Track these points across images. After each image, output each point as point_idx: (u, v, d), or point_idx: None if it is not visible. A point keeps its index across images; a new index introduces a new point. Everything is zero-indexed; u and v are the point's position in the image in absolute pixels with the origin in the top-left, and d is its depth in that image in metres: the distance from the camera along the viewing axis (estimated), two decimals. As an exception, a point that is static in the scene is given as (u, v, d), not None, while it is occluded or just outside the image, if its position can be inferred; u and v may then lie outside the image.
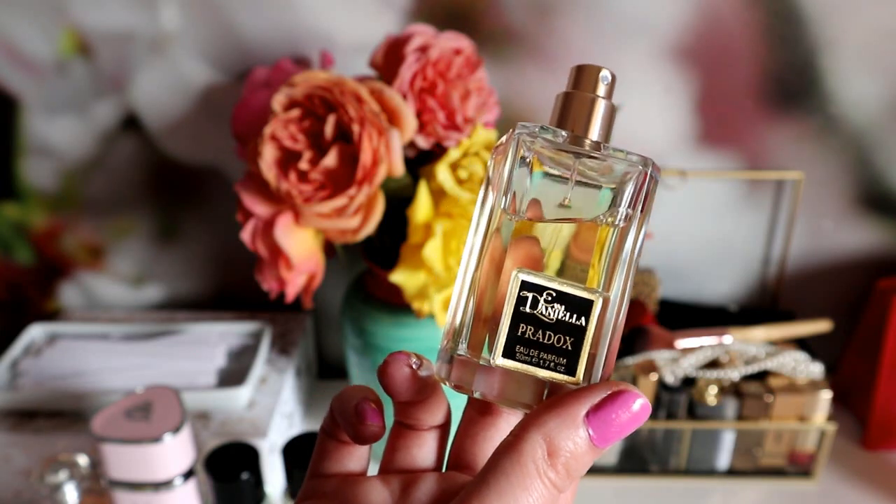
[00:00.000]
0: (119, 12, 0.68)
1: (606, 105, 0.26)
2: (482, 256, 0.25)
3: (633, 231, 0.25)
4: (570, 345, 0.24)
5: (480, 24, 0.68)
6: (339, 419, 0.26)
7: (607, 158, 0.25)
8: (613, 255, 0.25)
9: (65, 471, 0.55)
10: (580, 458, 0.22)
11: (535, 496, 0.22)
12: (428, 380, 0.26)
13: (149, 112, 0.73)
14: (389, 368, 0.26)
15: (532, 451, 0.22)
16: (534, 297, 0.25)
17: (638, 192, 0.25)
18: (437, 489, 0.26)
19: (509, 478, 0.22)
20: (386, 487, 0.26)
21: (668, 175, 0.73)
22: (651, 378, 0.65)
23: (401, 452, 0.27)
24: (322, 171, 0.56)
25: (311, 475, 0.27)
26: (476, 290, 0.25)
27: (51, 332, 0.75)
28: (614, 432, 0.23)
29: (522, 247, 0.25)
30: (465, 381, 0.25)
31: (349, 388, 0.27)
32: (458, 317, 0.25)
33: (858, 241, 0.77)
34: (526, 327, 0.25)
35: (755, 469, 0.69)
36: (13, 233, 0.80)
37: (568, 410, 0.22)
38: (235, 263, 0.80)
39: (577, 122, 0.26)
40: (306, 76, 0.57)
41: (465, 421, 0.28)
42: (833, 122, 0.71)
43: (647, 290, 0.75)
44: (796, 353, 0.67)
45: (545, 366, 0.25)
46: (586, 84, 0.26)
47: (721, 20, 0.67)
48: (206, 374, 0.68)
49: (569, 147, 0.26)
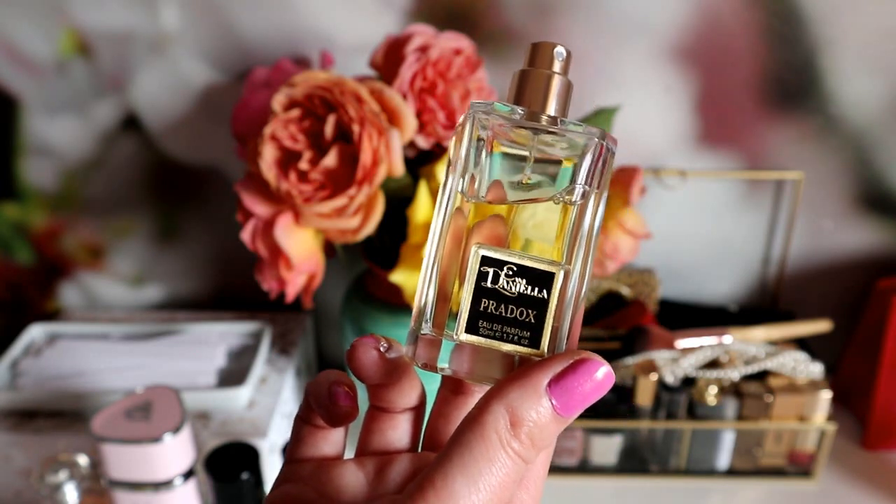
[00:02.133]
0: (119, 12, 0.68)
1: (562, 81, 0.27)
2: (443, 237, 0.25)
3: (591, 203, 0.25)
4: (532, 318, 0.25)
5: (480, 24, 0.68)
6: (313, 403, 0.27)
7: (565, 133, 0.26)
8: (574, 228, 0.25)
9: (65, 471, 0.55)
10: (544, 427, 0.22)
11: (499, 466, 0.21)
12: (397, 362, 0.26)
13: (149, 112, 0.73)
14: (356, 352, 0.26)
15: (495, 422, 0.22)
16: (494, 271, 0.25)
17: (594, 165, 0.25)
18: (411, 469, 0.26)
19: (472, 450, 0.21)
20: (360, 469, 0.26)
21: (668, 175, 0.73)
22: (651, 378, 0.65)
23: (375, 435, 0.27)
24: (322, 171, 0.56)
25: (287, 460, 0.27)
26: (439, 270, 0.25)
27: (51, 332, 0.75)
28: (577, 401, 0.23)
29: (487, 225, 0.26)
30: (431, 359, 0.25)
31: (324, 372, 0.27)
32: (422, 298, 0.26)
33: (858, 241, 0.77)
34: (488, 302, 0.25)
35: (755, 469, 0.69)
36: (13, 233, 0.80)
37: (530, 381, 0.22)
38: (235, 263, 0.80)
39: (533, 98, 0.26)
40: (306, 76, 0.57)
41: (439, 401, 0.28)
42: (833, 122, 0.71)
43: (647, 290, 0.75)
44: (796, 353, 0.67)
45: (509, 339, 0.25)
46: (542, 61, 0.27)
47: (721, 20, 0.67)
48: (206, 374, 0.68)
49: (525, 123, 0.26)
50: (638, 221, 0.66)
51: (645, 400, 0.67)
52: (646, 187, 0.73)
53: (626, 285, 0.75)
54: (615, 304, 0.75)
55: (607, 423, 0.67)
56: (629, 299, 0.75)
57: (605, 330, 0.73)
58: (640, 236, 0.66)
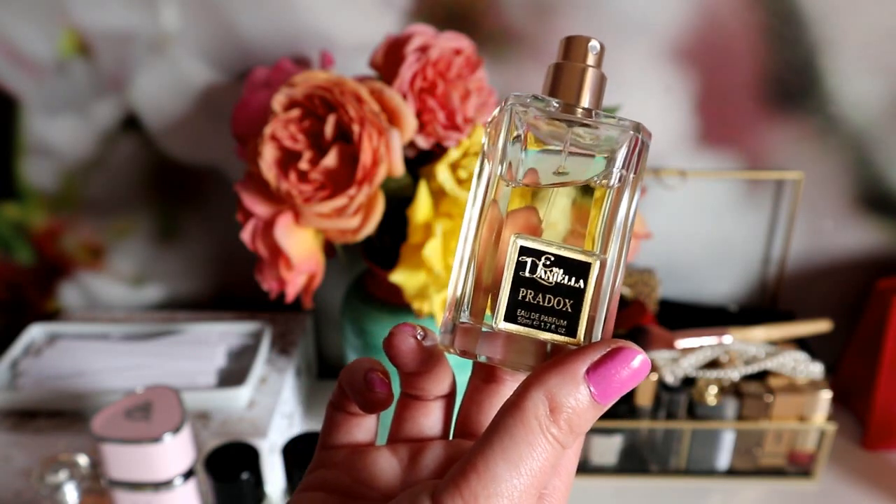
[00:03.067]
0: (119, 12, 0.68)
1: (596, 74, 0.27)
2: (480, 226, 0.26)
3: (626, 194, 0.26)
4: (569, 307, 0.25)
5: (480, 24, 0.68)
6: (347, 390, 0.27)
7: (599, 125, 0.26)
8: (609, 218, 0.26)
9: (65, 471, 0.55)
10: (582, 414, 0.23)
11: (539, 451, 0.22)
12: (432, 350, 0.27)
13: (149, 112, 0.73)
14: (395, 340, 0.26)
15: (535, 408, 0.22)
16: (532, 261, 0.25)
17: (630, 156, 0.26)
18: (444, 456, 0.26)
19: (513, 436, 0.22)
20: (394, 456, 0.27)
21: (668, 175, 0.73)
22: (651, 378, 0.65)
23: (408, 422, 0.28)
24: (322, 171, 0.56)
25: (321, 447, 0.28)
26: (475, 260, 0.26)
27: (51, 332, 0.75)
28: (615, 388, 0.23)
29: (521, 216, 0.26)
30: (469, 346, 0.26)
31: (357, 360, 0.27)
32: (458, 287, 0.26)
33: (858, 241, 0.77)
34: (526, 291, 0.25)
35: (755, 469, 0.69)
36: (13, 233, 0.80)
37: (569, 368, 0.23)
38: (235, 263, 0.80)
39: (568, 91, 0.27)
40: (306, 76, 0.57)
41: (470, 389, 0.28)
42: (833, 122, 0.71)
43: (647, 290, 0.75)
44: (796, 353, 0.67)
45: (546, 328, 0.25)
46: (576, 54, 0.27)
47: (721, 20, 0.67)
48: (206, 374, 0.68)
49: (561, 115, 0.26)
50: (638, 221, 0.66)
51: (645, 400, 0.67)
52: (646, 187, 0.73)
53: (626, 285, 0.75)
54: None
55: (607, 423, 0.67)
56: (629, 299, 0.75)
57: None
58: (640, 236, 0.66)
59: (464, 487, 0.21)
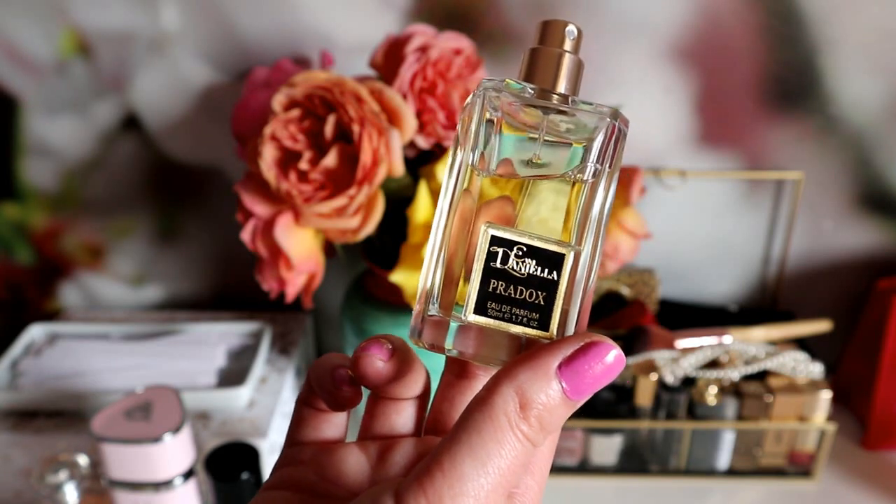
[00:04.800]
0: (119, 12, 0.68)
1: (573, 60, 0.26)
2: (451, 216, 0.25)
3: (602, 186, 0.25)
4: (542, 299, 0.24)
5: (480, 24, 0.68)
6: (315, 387, 0.26)
7: (575, 112, 0.25)
8: (584, 210, 0.25)
9: (65, 471, 0.55)
10: (553, 410, 0.22)
11: (508, 449, 0.21)
12: (404, 358, 0.26)
13: (149, 112, 0.73)
14: (361, 363, 0.25)
15: (504, 404, 0.21)
16: (504, 251, 0.24)
17: (606, 145, 0.25)
18: (415, 453, 0.26)
19: (481, 432, 0.21)
20: (363, 453, 0.26)
21: (668, 175, 0.73)
22: (651, 378, 0.65)
23: (379, 420, 0.27)
24: (322, 171, 0.56)
25: (288, 443, 0.27)
26: (446, 251, 0.25)
27: (51, 332, 0.75)
28: (588, 384, 0.22)
29: (494, 206, 0.25)
30: (438, 340, 0.25)
31: (326, 356, 0.27)
32: (429, 279, 0.25)
33: (858, 241, 0.77)
34: (497, 283, 0.24)
35: (755, 469, 0.69)
36: (13, 233, 0.80)
37: (540, 363, 0.22)
38: (235, 263, 0.80)
39: (544, 76, 0.26)
40: (306, 76, 0.57)
41: (443, 385, 0.28)
42: (833, 122, 0.71)
43: (647, 290, 0.75)
44: (796, 353, 0.67)
45: (518, 321, 0.24)
46: (553, 39, 0.26)
47: (721, 20, 0.67)
48: (206, 374, 0.68)
49: (536, 101, 0.25)
50: (638, 221, 0.66)
51: (645, 400, 0.67)
52: (646, 187, 0.73)
53: (626, 285, 0.75)
54: (615, 304, 0.75)
55: (607, 423, 0.67)
56: (629, 299, 0.75)
57: (605, 330, 0.72)
58: (640, 236, 0.66)
59: (428, 486, 0.21)
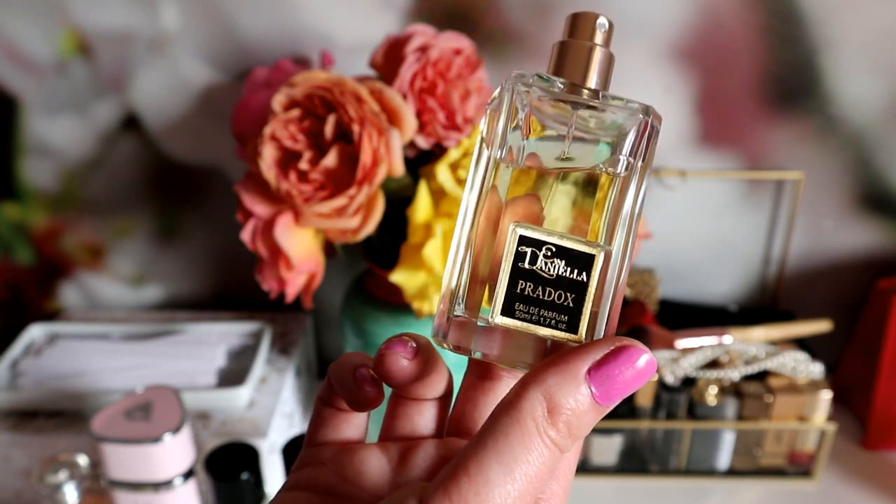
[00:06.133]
0: (119, 12, 0.68)
1: (604, 53, 0.25)
2: (478, 214, 0.24)
3: (633, 183, 0.24)
4: (571, 301, 0.23)
5: (480, 24, 0.68)
6: (336, 386, 0.26)
7: (606, 107, 0.24)
8: (614, 208, 0.24)
9: (65, 471, 0.55)
10: (582, 416, 0.21)
11: (536, 455, 0.21)
12: (427, 358, 0.25)
13: (149, 112, 0.73)
14: (386, 362, 0.25)
15: (532, 408, 0.21)
16: (532, 252, 0.23)
17: (639, 141, 0.24)
18: (436, 455, 0.25)
19: (508, 437, 0.20)
20: (384, 454, 0.25)
21: (668, 175, 0.73)
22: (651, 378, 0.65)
23: (400, 420, 0.26)
24: (322, 171, 0.56)
25: (308, 444, 0.27)
26: (472, 250, 0.24)
27: (51, 332, 0.75)
28: (618, 390, 0.22)
29: (521, 203, 0.24)
30: (463, 342, 0.24)
31: (347, 355, 0.26)
32: (454, 278, 0.24)
33: (858, 241, 0.77)
34: (525, 284, 0.23)
35: (755, 469, 0.69)
36: (13, 233, 0.80)
37: (569, 367, 0.21)
38: (235, 263, 0.80)
39: (574, 70, 0.25)
40: (306, 76, 0.57)
41: (466, 386, 0.27)
42: (833, 122, 0.71)
43: (647, 290, 0.75)
44: (796, 353, 0.67)
45: (546, 323, 0.23)
46: (583, 32, 0.25)
47: (721, 20, 0.67)
48: (206, 374, 0.68)
49: (566, 96, 0.24)
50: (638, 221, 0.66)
51: (645, 400, 0.67)
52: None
53: (627, 285, 0.75)
54: (615, 304, 0.75)
55: (607, 423, 0.67)
56: (629, 299, 0.75)
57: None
58: (640, 236, 0.66)
59: (453, 491, 0.20)
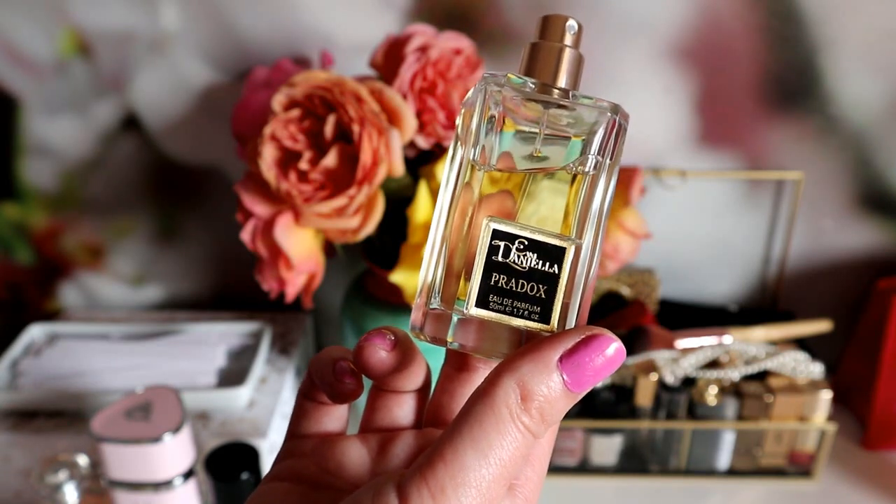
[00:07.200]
0: (119, 12, 0.68)
1: (574, 54, 0.26)
2: (452, 210, 0.25)
3: (602, 180, 0.25)
4: (543, 293, 0.25)
5: (480, 24, 0.68)
6: (316, 380, 0.27)
7: (576, 106, 0.25)
8: (584, 204, 0.25)
9: (65, 471, 0.55)
10: (554, 402, 0.22)
11: (509, 440, 0.21)
12: (405, 350, 0.26)
13: (149, 112, 0.73)
14: (364, 353, 0.26)
15: (505, 395, 0.22)
16: (506, 245, 0.25)
17: (607, 139, 0.25)
18: (415, 445, 0.26)
19: (483, 423, 0.21)
20: (364, 445, 0.26)
21: (668, 175, 0.73)
22: (651, 378, 0.65)
23: (380, 412, 0.27)
24: (322, 171, 0.56)
25: (289, 436, 0.27)
26: (447, 245, 0.25)
27: (51, 332, 0.75)
28: (589, 377, 0.22)
29: (495, 199, 0.25)
30: (440, 333, 0.25)
31: (327, 349, 0.27)
32: (430, 273, 0.25)
33: (858, 241, 0.77)
34: (499, 276, 0.25)
35: (755, 469, 0.69)
36: (13, 233, 0.80)
37: (541, 355, 0.22)
38: (235, 263, 0.80)
39: (544, 71, 0.26)
40: (306, 76, 0.57)
41: (443, 377, 0.28)
42: (833, 122, 0.71)
43: (647, 290, 0.75)
44: (796, 353, 0.67)
45: (519, 314, 0.25)
46: (553, 34, 0.26)
47: (721, 20, 0.67)
48: (206, 374, 0.68)
49: (537, 95, 0.26)
50: (638, 221, 0.66)
51: (645, 400, 0.67)
52: (646, 187, 0.73)
53: (626, 285, 0.75)
54: (615, 304, 0.75)
55: (607, 423, 0.67)
56: (629, 299, 0.75)
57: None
58: (640, 236, 0.66)
59: (430, 476, 0.21)
